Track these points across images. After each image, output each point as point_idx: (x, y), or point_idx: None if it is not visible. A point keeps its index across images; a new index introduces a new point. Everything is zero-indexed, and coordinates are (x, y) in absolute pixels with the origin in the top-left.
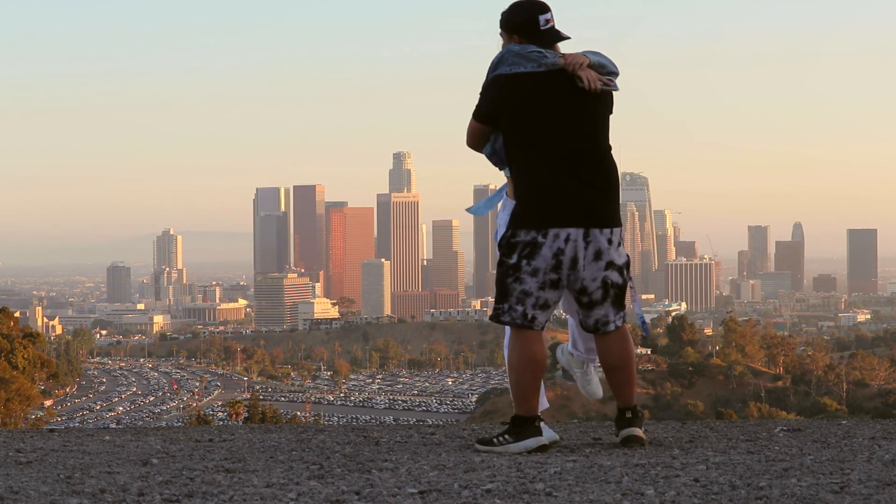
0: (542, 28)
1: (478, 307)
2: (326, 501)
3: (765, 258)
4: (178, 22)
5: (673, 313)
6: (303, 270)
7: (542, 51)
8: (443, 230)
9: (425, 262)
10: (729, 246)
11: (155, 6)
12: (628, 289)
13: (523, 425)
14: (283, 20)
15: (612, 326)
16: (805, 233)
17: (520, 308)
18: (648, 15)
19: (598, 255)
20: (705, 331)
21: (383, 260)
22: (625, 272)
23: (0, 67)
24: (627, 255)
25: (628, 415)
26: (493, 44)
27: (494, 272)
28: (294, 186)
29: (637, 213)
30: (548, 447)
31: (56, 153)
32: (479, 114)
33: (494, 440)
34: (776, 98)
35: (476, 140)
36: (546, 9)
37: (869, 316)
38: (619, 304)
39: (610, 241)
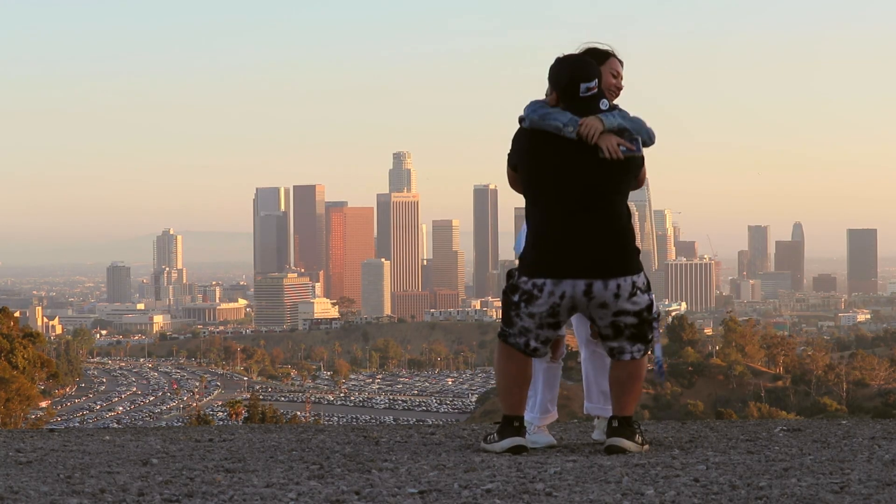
0: (581, 95)
1: (478, 307)
2: (326, 501)
3: (765, 258)
4: (178, 22)
5: (673, 313)
6: (303, 270)
7: (561, 123)
8: (443, 230)
9: (425, 262)
10: (729, 246)
11: (155, 6)
12: (652, 327)
13: (506, 425)
14: (283, 20)
15: (627, 356)
16: (805, 233)
17: (522, 340)
18: (648, 14)
19: (603, 306)
20: (705, 331)
21: (383, 260)
22: (644, 314)
23: (0, 67)
24: (650, 299)
25: (614, 423)
26: (494, 44)
27: (495, 272)
28: (294, 186)
29: (637, 213)
30: (525, 448)
31: (56, 153)
32: (510, 162)
33: (488, 437)
34: (776, 98)
35: (514, 184)
36: (591, 76)
37: (869, 316)
38: (636, 339)
39: (617, 295)
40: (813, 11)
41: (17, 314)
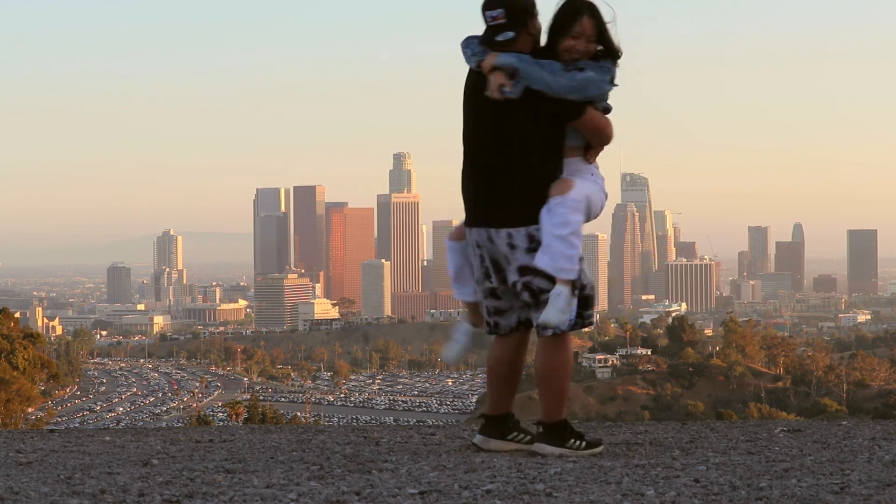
0: (487, 24)
1: None
2: (327, 502)
3: (765, 259)
4: (179, 22)
5: (673, 314)
6: (303, 271)
7: (470, 51)
8: (443, 230)
9: (425, 263)
10: (729, 246)
11: (156, 6)
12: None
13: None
14: (283, 20)
15: (548, 332)
16: (805, 233)
17: (485, 316)
18: (649, 16)
19: (507, 260)
20: (705, 331)
21: (383, 261)
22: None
23: (0, 67)
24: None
25: (540, 428)
26: None
27: None
28: (294, 187)
29: (637, 214)
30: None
31: (56, 153)
32: None
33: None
34: (777, 98)
35: None
36: (495, 5)
37: (869, 316)
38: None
39: (512, 246)
40: (814, 12)
41: (17, 315)
